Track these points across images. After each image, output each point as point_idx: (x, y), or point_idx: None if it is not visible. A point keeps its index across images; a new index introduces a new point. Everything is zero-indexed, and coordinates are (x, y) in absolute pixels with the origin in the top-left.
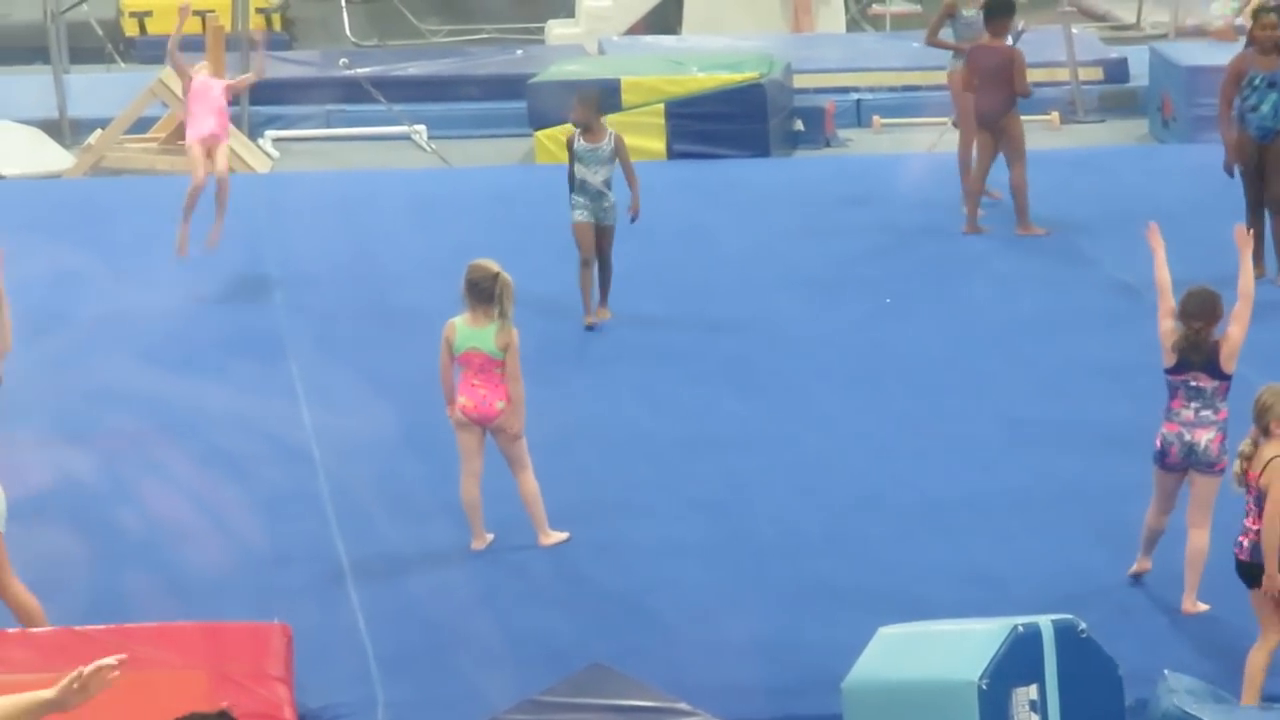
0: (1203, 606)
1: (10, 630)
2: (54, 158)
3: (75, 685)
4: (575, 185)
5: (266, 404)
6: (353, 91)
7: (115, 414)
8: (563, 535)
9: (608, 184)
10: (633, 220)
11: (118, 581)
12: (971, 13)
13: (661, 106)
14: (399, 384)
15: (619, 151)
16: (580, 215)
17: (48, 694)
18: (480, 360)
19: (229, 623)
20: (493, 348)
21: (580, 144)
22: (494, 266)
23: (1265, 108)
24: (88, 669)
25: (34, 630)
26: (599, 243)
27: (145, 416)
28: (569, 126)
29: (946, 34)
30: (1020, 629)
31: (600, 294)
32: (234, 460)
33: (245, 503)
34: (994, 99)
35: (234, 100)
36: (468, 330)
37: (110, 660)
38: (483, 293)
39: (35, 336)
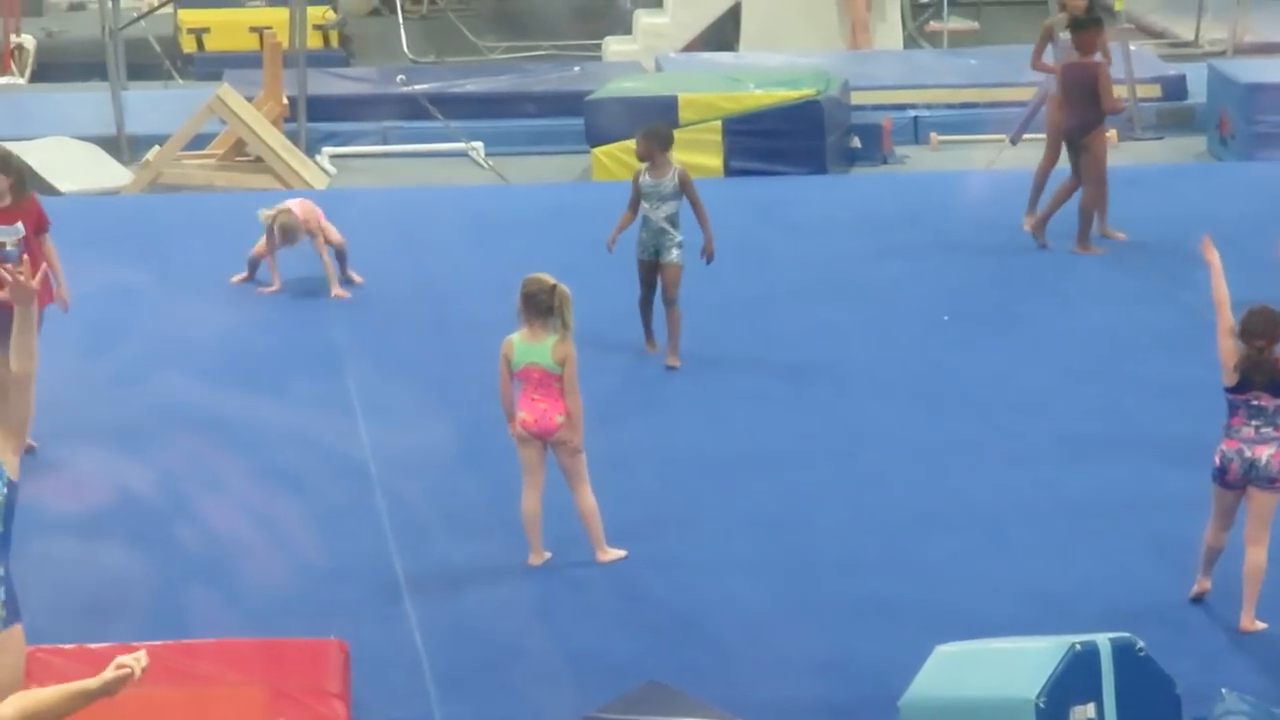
0: (1261, 625)
1: (68, 646)
2: (112, 174)
3: (118, 674)
4: (640, 220)
5: (324, 419)
6: (410, 108)
7: (174, 430)
8: (620, 552)
9: (671, 220)
10: (708, 262)
11: (177, 597)
12: (1068, 34)
13: (719, 123)
14: (456, 399)
15: (685, 188)
16: (642, 254)
17: (91, 684)
18: (539, 375)
19: (287, 639)
20: (550, 362)
21: (645, 179)
22: (549, 279)
23: None
24: (128, 657)
25: (93, 646)
26: (663, 282)
27: (204, 432)
28: (626, 144)
29: (1048, 57)
30: (1078, 647)
31: (669, 341)
32: (292, 476)
33: (303, 518)
34: (1077, 115)
35: None
36: (525, 345)
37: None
38: (539, 306)
39: (94, 353)
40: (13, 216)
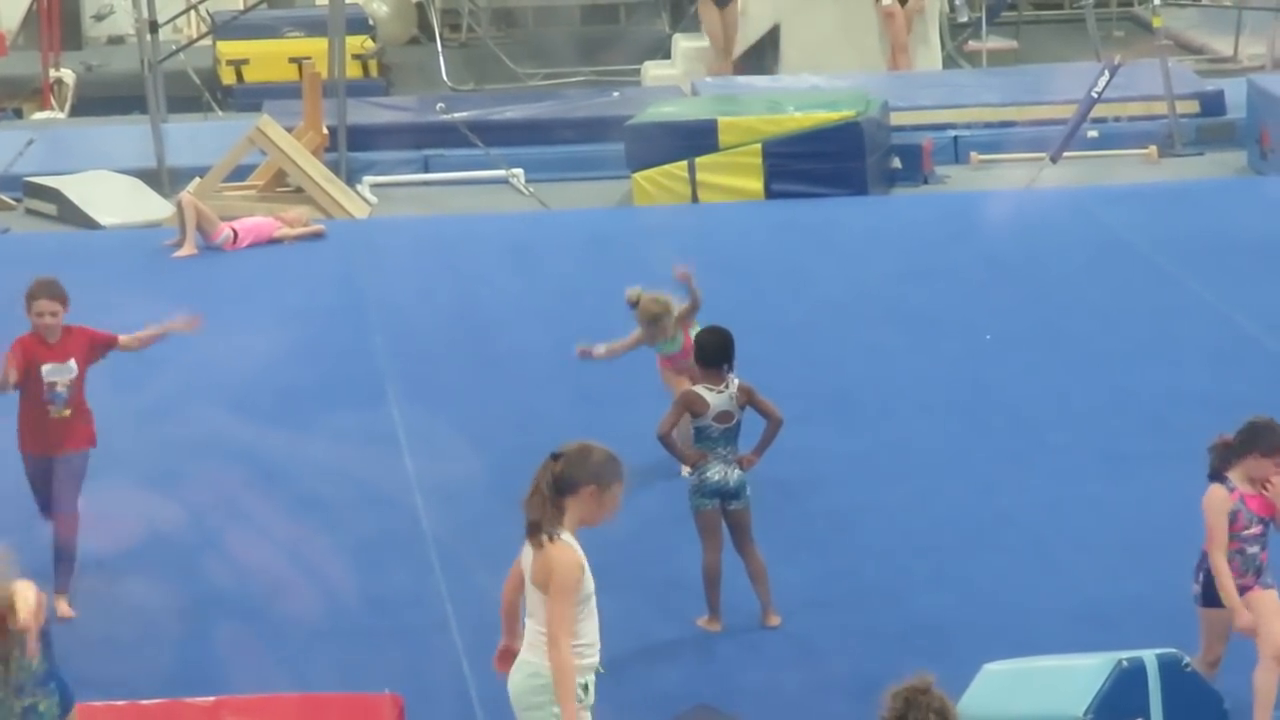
0: None
1: (120, 703)
2: (153, 207)
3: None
4: None
5: (367, 451)
6: (450, 136)
7: (212, 463)
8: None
9: None
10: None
11: (215, 636)
12: None
13: (759, 146)
14: (501, 427)
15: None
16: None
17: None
18: None
19: (334, 694)
20: None
21: None
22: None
23: None
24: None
25: (124, 703)
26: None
27: (244, 465)
28: (667, 168)
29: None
30: (1124, 663)
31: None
32: (334, 508)
33: (346, 550)
34: None
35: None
36: None
37: None
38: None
39: (131, 386)
40: (64, 352)
